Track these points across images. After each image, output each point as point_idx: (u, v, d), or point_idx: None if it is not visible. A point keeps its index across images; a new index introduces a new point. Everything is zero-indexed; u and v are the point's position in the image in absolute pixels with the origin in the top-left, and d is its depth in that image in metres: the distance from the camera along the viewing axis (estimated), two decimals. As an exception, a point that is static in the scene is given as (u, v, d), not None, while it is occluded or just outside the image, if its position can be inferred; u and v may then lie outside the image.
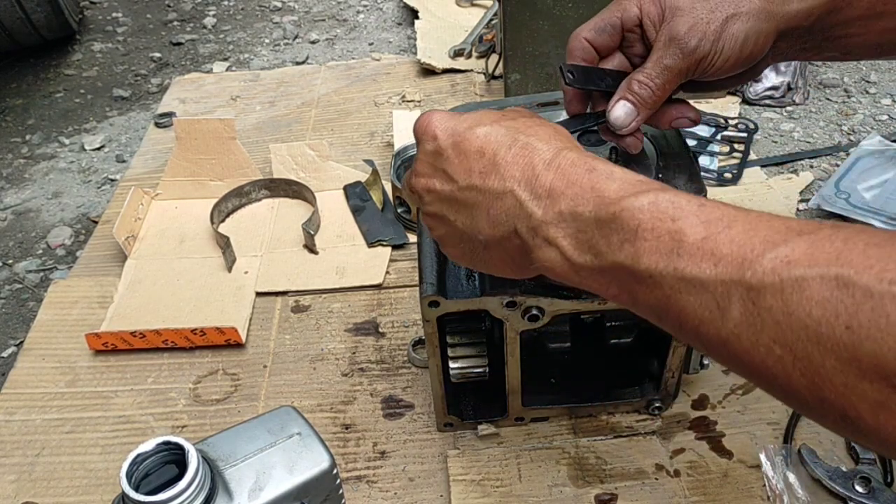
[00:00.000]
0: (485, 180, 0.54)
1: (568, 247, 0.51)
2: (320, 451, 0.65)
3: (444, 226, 0.59)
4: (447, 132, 0.57)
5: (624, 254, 0.47)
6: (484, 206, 0.55)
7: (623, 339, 0.90)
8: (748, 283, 0.41)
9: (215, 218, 1.19)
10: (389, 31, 1.90)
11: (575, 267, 0.51)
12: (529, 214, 0.52)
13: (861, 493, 0.77)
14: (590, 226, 0.49)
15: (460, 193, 0.56)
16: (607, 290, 0.50)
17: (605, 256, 0.49)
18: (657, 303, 0.46)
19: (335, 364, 0.99)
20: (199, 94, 1.57)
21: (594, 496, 0.81)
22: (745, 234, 0.43)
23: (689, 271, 0.44)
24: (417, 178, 0.59)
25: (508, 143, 0.55)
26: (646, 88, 0.66)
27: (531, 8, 1.25)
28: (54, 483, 0.87)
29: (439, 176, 0.57)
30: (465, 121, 0.58)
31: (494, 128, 0.56)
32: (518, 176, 0.53)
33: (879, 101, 1.46)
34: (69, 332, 1.04)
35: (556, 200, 0.51)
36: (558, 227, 0.51)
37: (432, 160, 0.58)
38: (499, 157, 0.54)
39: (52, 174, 1.51)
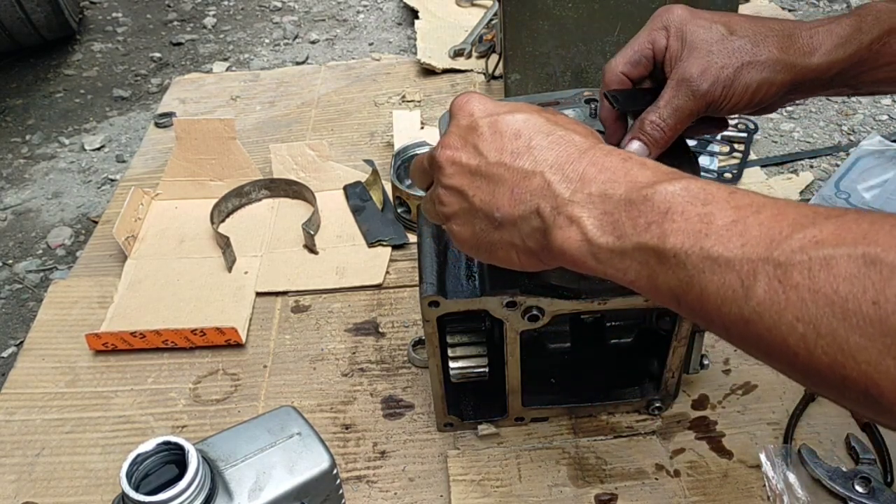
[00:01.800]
0: (515, 160, 0.55)
1: (591, 226, 0.51)
2: (320, 451, 0.65)
3: (460, 201, 0.59)
4: (485, 111, 0.58)
5: (650, 234, 0.48)
6: (509, 183, 0.55)
7: (623, 339, 0.90)
8: (776, 261, 0.41)
9: (215, 218, 1.19)
10: (389, 31, 1.90)
11: (593, 248, 0.51)
12: (556, 194, 0.53)
13: (861, 493, 0.77)
14: (618, 207, 0.50)
15: (486, 168, 0.56)
16: (625, 274, 0.50)
17: (629, 237, 0.49)
18: (678, 284, 0.47)
19: (335, 364, 0.99)
20: (199, 94, 1.57)
21: (594, 496, 0.81)
22: (774, 217, 0.44)
23: (715, 250, 0.44)
24: (444, 149, 0.59)
25: (546, 131, 0.56)
26: (657, 130, 0.68)
27: (531, 8, 1.25)
28: (54, 483, 0.87)
29: (468, 150, 0.57)
30: (504, 105, 0.59)
31: (533, 116, 0.57)
32: (551, 160, 0.54)
33: (879, 101, 1.46)
34: (69, 332, 1.04)
35: (587, 184, 0.52)
36: (584, 207, 0.51)
37: (465, 134, 0.58)
38: (534, 141, 0.55)
39: (52, 174, 1.51)
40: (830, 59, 0.68)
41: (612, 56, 0.74)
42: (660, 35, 0.70)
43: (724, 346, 0.96)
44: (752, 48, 0.67)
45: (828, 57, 0.68)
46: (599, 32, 1.26)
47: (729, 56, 0.67)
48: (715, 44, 0.67)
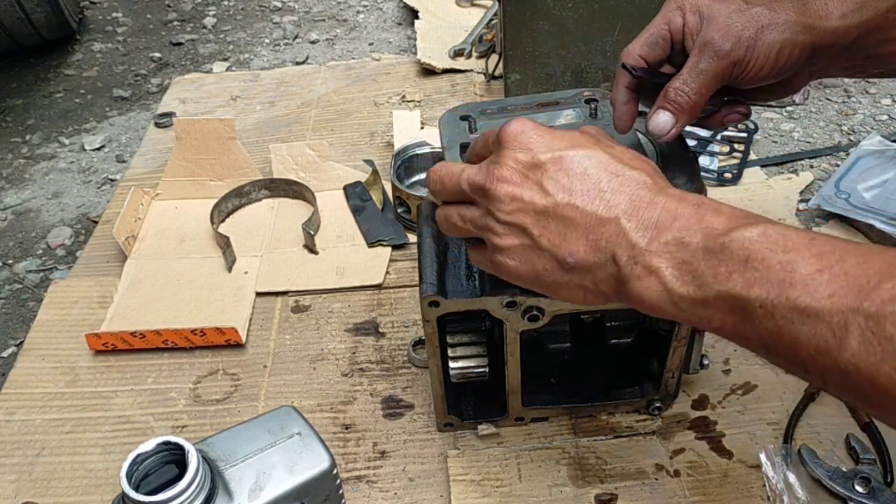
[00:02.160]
0: (587, 203, 0.54)
1: (670, 277, 0.51)
2: (320, 451, 0.65)
3: (521, 238, 0.58)
4: (545, 146, 0.57)
5: (732, 283, 0.48)
6: (582, 228, 0.55)
7: (623, 339, 0.90)
8: (866, 312, 0.41)
9: (215, 218, 1.19)
10: (389, 31, 1.90)
11: (674, 297, 0.51)
12: (633, 243, 0.53)
13: (861, 493, 0.77)
14: (696, 256, 0.50)
15: (556, 209, 0.55)
16: (709, 322, 0.50)
17: (710, 287, 0.49)
18: (767, 334, 0.46)
19: (335, 364, 0.99)
20: (199, 94, 1.57)
21: (594, 496, 0.81)
22: (860, 266, 0.43)
23: (802, 301, 0.44)
24: (502, 183, 0.57)
25: (613, 171, 0.55)
26: (682, 95, 0.67)
27: (531, 8, 1.25)
28: (54, 483, 0.87)
29: (532, 187, 0.56)
30: (561, 139, 0.58)
31: (596, 153, 0.56)
32: (624, 206, 0.54)
33: (879, 101, 1.46)
34: (69, 332, 1.04)
35: (662, 232, 0.52)
36: (662, 257, 0.51)
37: (525, 170, 0.57)
38: (604, 183, 0.55)
39: (52, 174, 1.51)
40: (847, 24, 0.68)
41: (612, 56, 0.73)
42: (675, 14, 0.70)
43: (724, 346, 0.96)
44: (770, 13, 0.67)
45: (844, 21, 0.68)
46: (599, 32, 1.26)
47: (748, 20, 0.66)
48: (733, 13, 0.67)
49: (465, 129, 0.78)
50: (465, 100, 1.47)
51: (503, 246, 0.59)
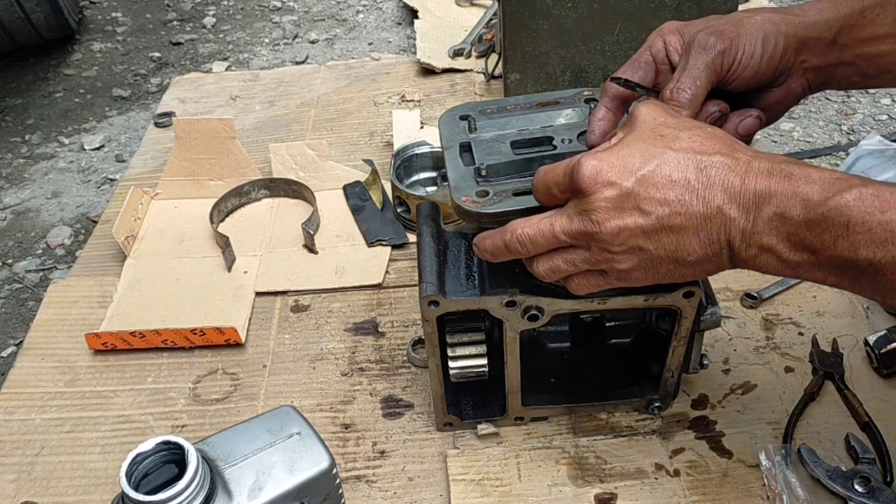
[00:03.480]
0: (687, 207, 0.58)
1: (783, 250, 0.56)
2: (320, 450, 0.65)
3: (640, 256, 0.61)
4: (624, 174, 0.59)
5: (840, 248, 0.52)
6: (691, 231, 0.58)
7: (623, 339, 0.90)
8: None
9: (215, 218, 1.19)
10: (389, 31, 1.90)
11: (791, 265, 0.56)
12: (741, 228, 0.57)
13: (861, 492, 0.77)
14: (801, 228, 0.54)
15: (661, 223, 0.59)
16: (826, 279, 0.56)
17: (821, 253, 0.54)
18: (883, 288, 0.52)
19: (335, 364, 0.99)
20: (198, 94, 1.57)
21: (594, 496, 0.81)
22: None
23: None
24: (603, 224, 0.60)
25: (694, 167, 0.58)
26: (678, 91, 0.68)
27: (531, 8, 1.25)
28: (54, 482, 0.87)
29: (632, 214, 0.59)
30: (632, 157, 0.59)
31: (668, 155, 0.59)
32: (720, 196, 0.57)
33: (879, 100, 1.46)
34: (69, 332, 1.04)
35: (763, 208, 0.56)
36: (771, 235, 0.56)
37: (619, 203, 0.59)
38: (692, 182, 0.58)
39: (51, 174, 1.51)
40: (826, 18, 0.71)
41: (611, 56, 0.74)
42: (656, 40, 0.73)
43: (723, 345, 0.96)
44: (747, 14, 0.71)
45: (822, 15, 0.71)
46: (599, 32, 1.26)
47: (728, 21, 0.70)
48: (711, 20, 0.71)
49: (465, 129, 0.78)
50: (465, 99, 1.47)
51: (626, 268, 0.63)
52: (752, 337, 0.97)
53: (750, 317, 0.99)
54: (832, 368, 0.91)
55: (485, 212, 0.68)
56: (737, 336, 0.97)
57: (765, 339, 0.96)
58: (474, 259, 0.77)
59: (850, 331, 0.96)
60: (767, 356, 0.94)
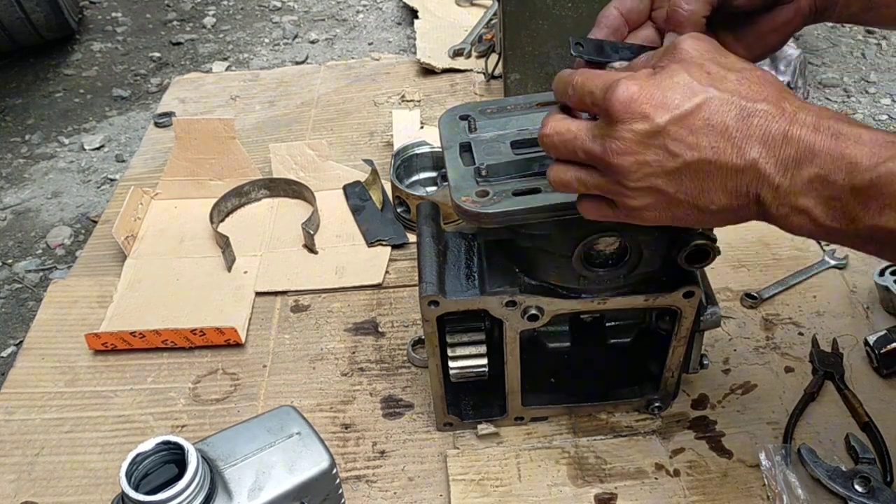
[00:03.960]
0: (719, 155, 0.53)
1: (820, 214, 0.52)
2: (320, 450, 0.65)
3: (657, 196, 0.57)
4: (660, 109, 0.54)
5: (885, 218, 0.49)
6: (720, 179, 0.54)
7: (623, 338, 0.90)
8: None
9: (215, 218, 1.19)
10: (389, 31, 1.90)
11: (826, 230, 0.52)
12: (776, 185, 0.52)
13: (861, 492, 0.77)
14: (844, 193, 0.50)
15: (688, 167, 0.54)
16: (863, 246, 0.53)
17: (861, 221, 0.50)
18: None
19: (335, 364, 0.99)
20: (198, 94, 1.57)
21: (594, 496, 0.81)
22: None
23: None
24: (623, 156, 0.55)
25: (735, 113, 0.53)
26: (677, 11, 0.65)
27: (531, 8, 1.25)
28: (54, 482, 0.87)
29: (658, 152, 0.55)
30: (674, 91, 0.54)
31: (712, 94, 0.54)
32: (758, 148, 0.52)
33: (879, 100, 1.46)
34: (69, 332, 1.04)
35: (803, 169, 0.51)
36: (808, 196, 0.51)
37: (647, 139, 0.54)
38: (730, 129, 0.53)
39: (51, 174, 1.51)
40: None
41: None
42: None
43: (723, 345, 0.96)
44: None
45: None
46: (599, 32, 1.26)
47: None
48: None
49: (465, 129, 0.78)
50: (465, 99, 1.47)
51: (639, 206, 0.58)
52: (752, 337, 0.97)
53: (750, 317, 0.99)
54: (832, 368, 0.91)
55: (485, 212, 0.67)
56: (737, 336, 0.97)
57: (765, 339, 0.96)
58: (474, 259, 0.77)
59: (850, 331, 0.95)
60: (767, 356, 0.94)
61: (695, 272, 0.74)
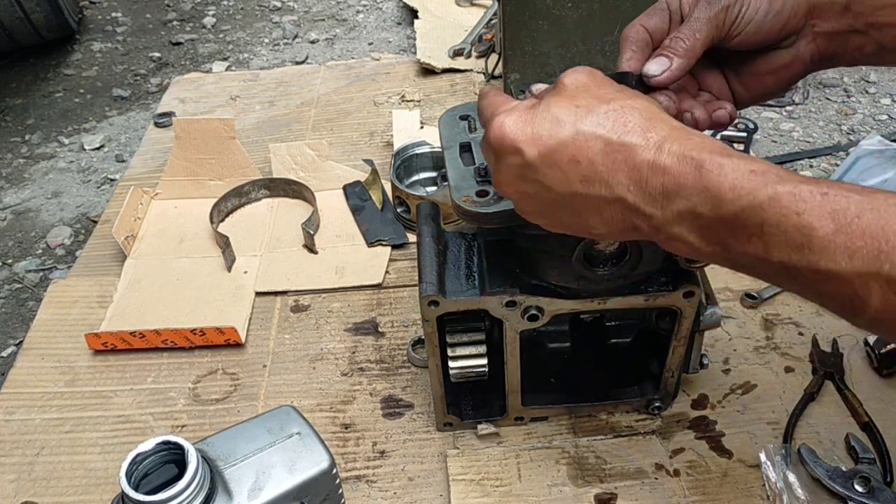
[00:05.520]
0: (588, 188, 0.54)
1: (695, 241, 0.52)
2: (320, 450, 0.65)
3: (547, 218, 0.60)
4: (530, 142, 0.55)
5: (753, 247, 0.49)
6: (593, 210, 0.55)
7: (623, 338, 0.90)
8: (887, 276, 0.43)
9: (215, 217, 1.19)
10: (389, 31, 1.90)
11: (705, 254, 0.53)
12: (648, 216, 0.53)
13: (861, 492, 0.77)
14: (712, 223, 0.51)
15: (563, 199, 0.56)
16: (741, 269, 0.53)
17: (734, 248, 0.50)
18: (797, 289, 0.50)
19: (335, 364, 0.99)
20: (198, 94, 1.57)
21: (594, 496, 0.81)
22: (877, 224, 0.44)
23: (823, 265, 0.46)
24: (505, 187, 0.59)
25: (602, 146, 0.54)
26: (677, 40, 0.67)
27: (531, 8, 1.25)
28: (54, 482, 0.87)
29: (532, 185, 0.57)
30: (544, 124, 0.56)
31: (578, 128, 0.54)
32: (625, 182, 0.53)
33: (879, 100, 1.46)
34: (69, 332, 1.04)
35: (672, 201, 0.52)
36: (681, 226, 0.52)
37: (521, 172, 0.57)
38: (597, 164, 0.54)
39: (51, 174, 1.51)
40: None
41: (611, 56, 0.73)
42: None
43: (723, 345, 0.96)
44: None
45: None
46: (599, 32, 1.26)
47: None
48: None
49: (465, 129, 0.78)
50: (465, 99, 1.47)
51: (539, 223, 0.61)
52: (752, 337, 0.97)
53: (750, 317, 0.99)
54: (832, 368, 0.91)
55: (485, 212, 0.67)
56: (737, 336, 0.97)
57: (765, 339, 0.96)
58: (474, 259, 0.77)
59: (850, 331, 0.95)
60: (767, 356, 0.94)
61: (695, 272, 0.74)
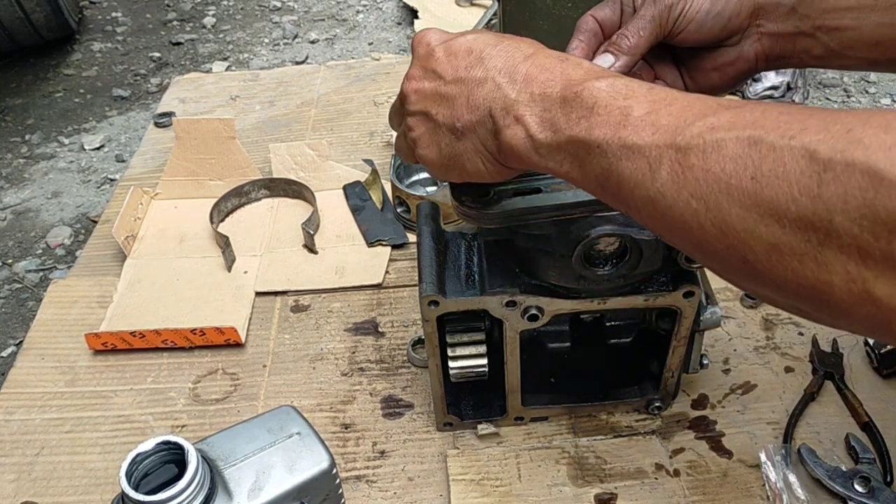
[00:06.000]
0: (469, 72, 0.59)
1: (533, 124, 0.55)
2: (320, 450, 0.65)
3: (425, 122, 0.63)
4: (440, 39, 0.62)
5: (580, 128, 0.52)
6: (465, 94, 0.59)
7: (623, 338, 0.90)
8: (678, 146, 0.46)
9: (215, 217, 1.19)
10: (389, 31, 1.90)
11: (535, 144, 0.55)
12: (505, 96, 0.57)
13: (861, 492, 0.77)
14: (555, 104, 0.54)
15: (446, 87, 0.61)
16: (560, 165, 0.55)
17: (563, 132, 0.53)
18: (601, 172, 0.51)
19: (335, 364, 0.99)
20: (198, 94, 1.57)
21: (594, 496, 0.81)
22: (683, 109, 0.48)
23: (630, 139, 0.49)
24: (409, 81, 0.63)
25: (494, 42, 0.60)
26: (622, 38, 0.71)
27: (531, 8, 1.25)
28: (54, 482, 0.87)
29: (428, 76, 0.62)
30: (458, 33, 0.63)
31: (483, 34, 0.62)
32: (500, 66, 0.58)
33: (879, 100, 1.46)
34: (69, 332, 1.04)
35: (530, 84, 0.56)
36: (528, 107, 0.56)
37: (424, 63, 0.62)
38: (485, 53, 0.59)
39: (51, 174, 1.51)
40: None
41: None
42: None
43: (723, 345, 0.96)
44: None
45: None
46: (599, 32, 1.26)
47: None
48: None
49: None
50: (465, 99, 1.47)
51: (416, 138, 0.64)
52: (752, 337, 0.97)
53: (750, 317, 0.99)
54: (832, 368, 0.91)
55: (485, 212, 0.68)
56: (737, 336, 0.97)
57: (765, 339, 0.97)
58: (474, 259, 0.77)
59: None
60: (767, 356, 0.95)
61: (695, 272, 0.74)
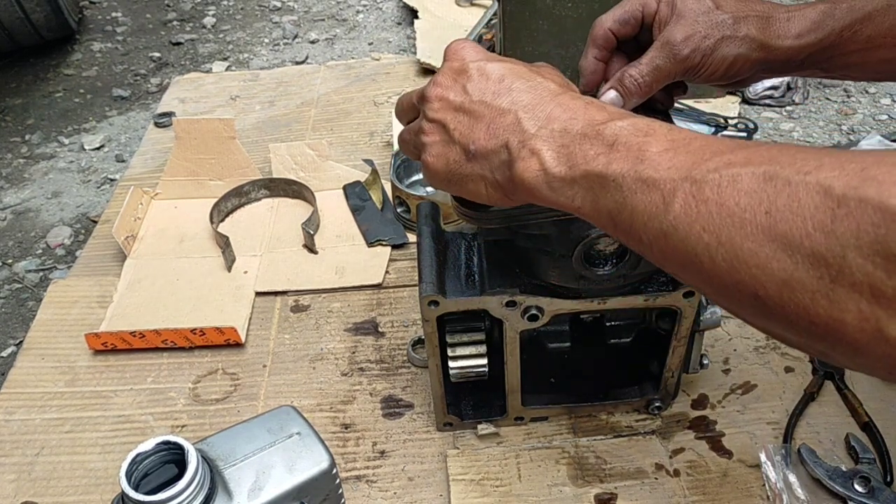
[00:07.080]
0: (496, 99, 0.60)
1: (549, 158, 0.56)
2: (320, 450, 0.65)
3: (441, 132, 0.63)
4: (477, 58, 0.63)
5: (597, 162, 0.52)
6: (487, 120, 0.60)
7: (623, 338, 0.90)
8: (693, 179, 0.46)
9: (215, 217, 1.19)
10: (389, 31, 1.90)
11: (548, 177, 0.56)
12: (524, 130, 0.58)
13: (861, 492, 0.77)
14: (574, 140, 0.55)
15: (469, 105, 0.61)
16: (572, 201, 0.55)
17: (579, 166, 0.54)
18: (615, 206, 0.51)
19: (335, 364, 0.99)
20: (198, 94, 1.57)
21: (594, 496, 0.81)
22: (701, 147, 0.48)
23: (646, 173, 0.49)
24: (435, 87, 0.64)
25: (527, 78, 0.61)
26: (634, 84, 0.71)
27: (531, 8, 1.25)
28: (54, 483, 0.87)
29: (457, 88, 0.62)
30: (494, 56, 0.64)
31: (518, 66, 0.63)
32: (525, 102, 0.59)
33: (879, 100, 1.46)
34: (69, 332, 1.04)
35: (552, 122, 0.57)
36: (546, 141, 0.56)
37: (455, 75, 0.63)
38: (514, 85, 0.60)
39: (51, 174, 1.51)
40: (801, 43, 0.72)
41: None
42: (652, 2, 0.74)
43: (723, 345, 0.96)
44: (734, 24, 0.71)
45: (799, 41, 0.72)
46: (599, 32, 1.26)
47: (712, 28, 0.71)
48: (701, 15, 0.71)
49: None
50: (465, 99, 1.47)
51: (427, 142, 0.64)
52: (752, 337, 0.97)
53: (750, 317, 0.99)
54: (832, 368, 0.91)
55: (485, 212, 0.68)
56: (737, 336, 0.97)
57: (765, 339, 0.97)
58: (474, 259, 0.77)
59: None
60: (767, 356, 0.95)
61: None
